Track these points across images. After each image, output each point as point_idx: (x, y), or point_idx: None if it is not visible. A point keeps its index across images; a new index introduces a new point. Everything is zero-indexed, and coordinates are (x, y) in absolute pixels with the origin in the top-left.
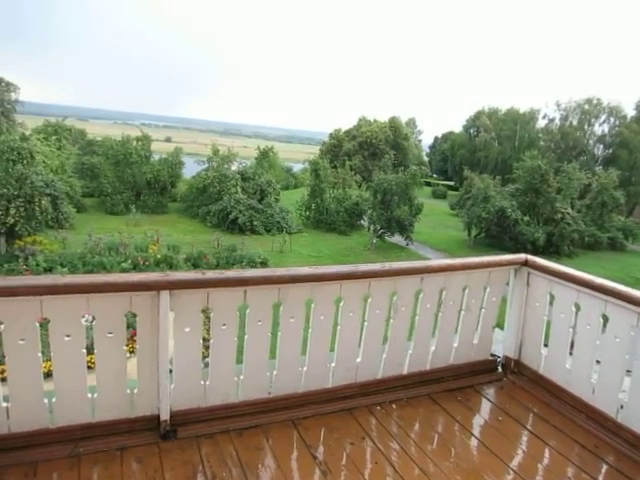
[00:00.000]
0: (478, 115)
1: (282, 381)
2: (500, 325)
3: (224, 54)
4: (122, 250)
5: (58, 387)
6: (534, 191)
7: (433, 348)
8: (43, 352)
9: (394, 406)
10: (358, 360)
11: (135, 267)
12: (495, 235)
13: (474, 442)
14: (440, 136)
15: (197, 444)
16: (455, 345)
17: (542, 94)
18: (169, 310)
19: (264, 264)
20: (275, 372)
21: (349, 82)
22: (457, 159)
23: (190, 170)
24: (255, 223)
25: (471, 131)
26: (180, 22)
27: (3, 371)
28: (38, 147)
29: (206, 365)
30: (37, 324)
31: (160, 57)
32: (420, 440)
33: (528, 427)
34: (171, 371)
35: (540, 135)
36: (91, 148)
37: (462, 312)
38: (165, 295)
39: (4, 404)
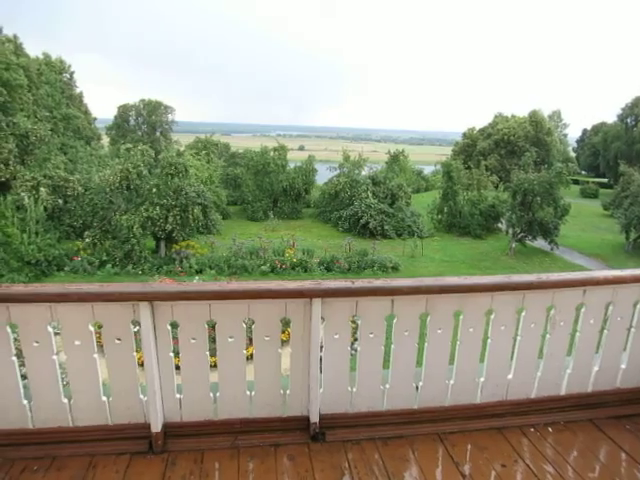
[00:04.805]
0: (637, 102)
1: (428, 393)
2: None
3: (352, 63)
4: (262, 254)
5: (222, 383)
6: None
7: (596, 369)
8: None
9: (550, 429)
10: (509, 377)
11: (273, 270)
12: None
13: None
14: (590, 128)
15: (344, 449)
16: (623, 367)
17: None
18: (320, 317)
19: (395, 269)
20: (421, 383)
21: (483, 78)
22: (611, 153)
23: (322, 176)
24: (386, 227)
25: (628, 120)
26: (309, 42)
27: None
28: (191, 161)
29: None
30: (205, 325)
31: (292, 73)
32: (580, 469)
33: None
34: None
35: None
36: (234, 160)
37: (632, 329)
38: (317, 302)
39: (178, 395)
